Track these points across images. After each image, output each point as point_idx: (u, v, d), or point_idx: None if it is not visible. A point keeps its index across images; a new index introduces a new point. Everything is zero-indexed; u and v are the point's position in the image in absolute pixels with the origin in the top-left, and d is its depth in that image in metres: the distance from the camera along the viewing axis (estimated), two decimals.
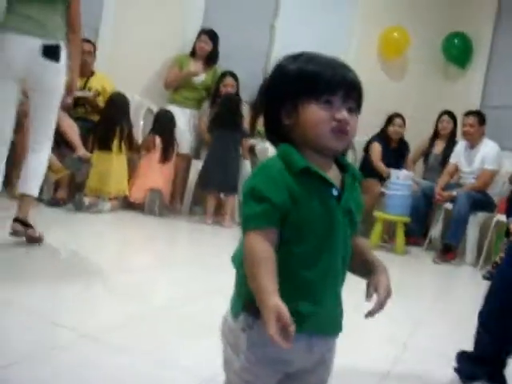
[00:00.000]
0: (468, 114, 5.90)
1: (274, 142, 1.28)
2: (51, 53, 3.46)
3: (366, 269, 1.29)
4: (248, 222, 1.17)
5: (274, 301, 1.07)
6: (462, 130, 5.97)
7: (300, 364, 1.24)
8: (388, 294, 1.24)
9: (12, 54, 3.42)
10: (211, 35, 6.11)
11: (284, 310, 1.06)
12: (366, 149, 6.45)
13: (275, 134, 1.28)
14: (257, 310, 1.13)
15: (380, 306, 1.23)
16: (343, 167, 1.27)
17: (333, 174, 1.24)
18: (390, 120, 6.44)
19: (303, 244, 1.18)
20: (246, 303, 1.19)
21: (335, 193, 1.21)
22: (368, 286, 1.26)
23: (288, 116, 1.23)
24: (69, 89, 3.71)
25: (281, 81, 1.25)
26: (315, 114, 1.20)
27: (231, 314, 1.24)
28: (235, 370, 1.22)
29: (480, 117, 5.87)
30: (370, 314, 1.23)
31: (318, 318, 1.21)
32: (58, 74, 3.55)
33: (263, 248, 1.14)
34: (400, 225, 5.62)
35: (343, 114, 1.20)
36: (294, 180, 1.17)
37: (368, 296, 1.24)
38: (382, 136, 6.43)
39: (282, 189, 1.15)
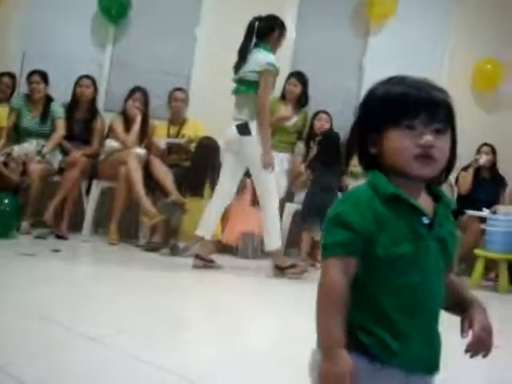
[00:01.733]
0: None
1: (366, 169, 1.25)
2: (242, 129, 4.42)
3: (462, 307, 1.23)
4: (329, 249, 1.15)
5: (348, 359, 1.09)
6: None
7: None
8: (486, 332, 1.18)
9: (228, 135, 4.59)
10: (300, 78, 6.14)
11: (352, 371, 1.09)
12: (457, 181, 6.32)
13: (367, 162, 1.25)
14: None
15: (481, 343, 1.17)
16: (436, 197, 1.22)
17: (424, 203, 1.19)
18: (478, 150, 6.31)
19: (391, 273, 1.13)
20: None
21: (426, 221, 1.16)
22: (462, 321, 1.21)
23: (373, 144, 1.20)
24: (263, 163, 4.45)
25: (367, 107, 1.24)
26: (397, 142, 1.16)
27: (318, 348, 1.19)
28: None
29: None
30: (470, 351, 1.17)
31: (409, 354, 1.15)
32: (252, 145, 4.43)
33: (340, 282, 1.12)
34: (503, 262, 5.37)
35: (426, 138, 1.15)
36: (383, 206, 1.13)
37: (463, 332, 1.19)
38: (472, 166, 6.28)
39: (368, 215, 1.12)
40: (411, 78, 1.21)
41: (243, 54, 4.58)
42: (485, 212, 5.71)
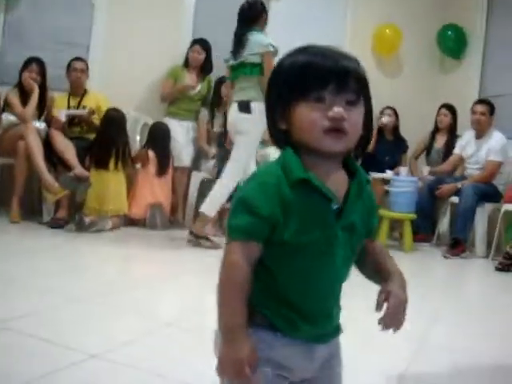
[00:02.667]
0: (479, 102, 5.83)
1: (280, 147, 1.17)
2: (242, 107, 4.58)
3: (382, 277, 1.20)
4: (233, 232, 1.09)
5: (249, 345, 1.07)
6: (472, 119, 5.82)
7: (302, 371, 1.16)
8: (401, 307, 1.16)
9: (229, 116, 4.82)
10: (204, 45, 6.05)
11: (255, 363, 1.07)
12: None
13: (278, 138, 1.17)
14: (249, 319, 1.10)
15: (393, 318, 1.15)
16: (352, 172, 1.16)
17: (339, 181, 1.14)
18: (381, 113, 6.47)
19: (296, 258, 1.10)
20: None
21: (334, 207, 1.11)
22: (379, 294, 1.17)
23: (282, 120, 1.13)
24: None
25: (274, 80, 1.16)
26: (305, 116, 1.08)
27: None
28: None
29: (490, 106, 5.80)
30: (383, 325, 1.15)
31: (313, 331, 1.14)
32: (248, 122, 4.56)
33: (242, 267, 1.07)
34: (406, 222, 5.54)
35: (336, 110, 1.07)
36: (291, 191, 1.08)
37: (377, 306, 1.15)
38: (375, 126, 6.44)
39: (274, 200, 1.07)
40: (318, 47, 1.13)
41: (239, 39, 4.73)
42: (388, 174, 5.87)
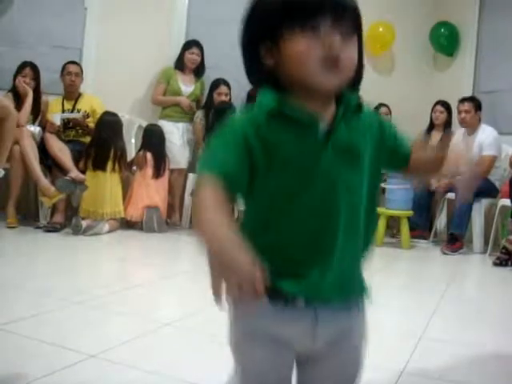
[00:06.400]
0: (463, 100, 5.79)
1: (258, 85, 1.09)
2: None
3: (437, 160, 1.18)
4: (205, 165, 1.00)
5: (247, 259, 0.89)
6: (458, 118, 5.85)
7: (304, 343, 1.05)
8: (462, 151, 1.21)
9: None
10: (200, 46, 6.04)
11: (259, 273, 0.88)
12: None
13: (257, 79, 1.08)
14: None
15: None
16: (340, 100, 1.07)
17: (331, 111, 1.06)
18: (375, 110, 6.38)
19: (281, 181, 1.00)
20: None
21: (324, 129, 1.02)
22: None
23: (269, 54, 1.03)
24: None
25: (259, 8, 1.06)
26: (298, 46, 0.98)
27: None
28: (231, 348, 1.08)
29: (475, 102, 5.76)
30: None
31: (316, 278, 1.01)
32: None
33: (216, 194, 0.95)
34: (403, 219, 5.54)
35: (332, 39, 0.98)
36: (267, 125, 1.00)
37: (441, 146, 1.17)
38: None
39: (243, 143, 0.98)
40: None
41: None
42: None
